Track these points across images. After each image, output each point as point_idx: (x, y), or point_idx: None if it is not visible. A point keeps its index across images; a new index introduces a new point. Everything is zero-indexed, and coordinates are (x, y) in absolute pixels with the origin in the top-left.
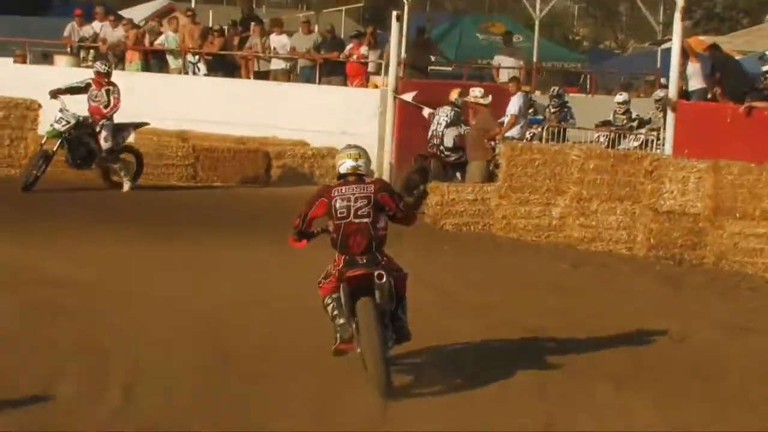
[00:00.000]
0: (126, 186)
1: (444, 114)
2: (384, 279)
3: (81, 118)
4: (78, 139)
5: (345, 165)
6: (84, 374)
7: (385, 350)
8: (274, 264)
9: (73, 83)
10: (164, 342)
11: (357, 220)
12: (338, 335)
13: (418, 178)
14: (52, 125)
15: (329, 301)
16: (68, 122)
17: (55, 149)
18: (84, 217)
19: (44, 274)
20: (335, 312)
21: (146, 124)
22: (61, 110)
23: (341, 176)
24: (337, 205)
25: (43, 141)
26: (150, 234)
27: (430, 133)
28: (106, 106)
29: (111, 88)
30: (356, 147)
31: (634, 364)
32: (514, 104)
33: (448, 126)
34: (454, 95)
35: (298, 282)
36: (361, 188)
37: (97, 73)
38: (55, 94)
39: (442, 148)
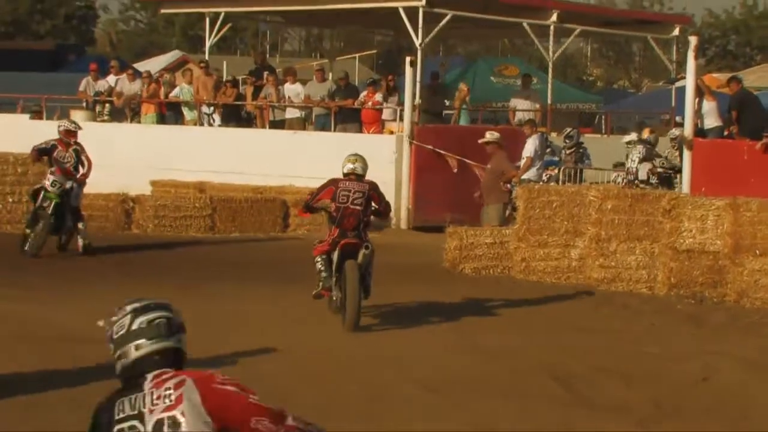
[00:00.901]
0: (82, 245)
1: (637, 151)
2: (369, 249)
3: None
4: (63, 204)
5: (347, 167)
6: None
7: (360, 299)
8: (294, 314)
9: (40, 144)
10: None
11: (352, 207)
12: (321, 284)
13: None
14: (47, 189)
15: (319, 259)
16: (61, 186)
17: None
18: (101, 272)
19: (64, 329)
20: (322, 267)
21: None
22: (52, 173)
23: (345, 174)
24: (340, 194)
25: (38, 205)
26: (168, 287)
27: (625, 170)
28: (75, 168)
29: (79, 148)
30: (356, 155)
31: (656, 403)
32: (530, 146)
33: (641, 161)
34: (646, 134)
35: (326, 334)
36: (359, 185)
37: (66, 131)
38: (36, 157)
39: (636, 182)
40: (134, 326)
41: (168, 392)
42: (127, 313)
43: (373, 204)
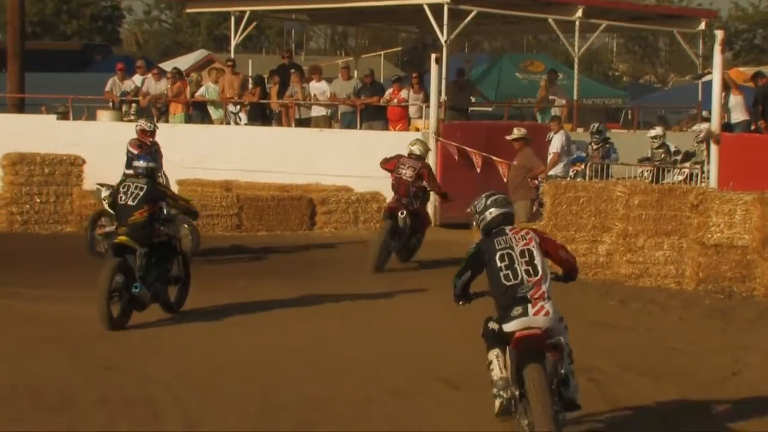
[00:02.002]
0: None
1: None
2: (404, 214)
3: None
4: None
5: (408, 148)
6: (137, 430)
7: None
8: (327, 314)
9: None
10: (215, 394)
11: (404, 178)
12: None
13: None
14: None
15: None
16: None
17: None
18: None
19: (92, 329)
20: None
21: None
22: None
23: (408, 154)
24: (399, 167)
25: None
26: (196, 285)
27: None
28: None
29: (156, 147)
30: (418, 139)
31: (684, 399)
32: (556, 143)
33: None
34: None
35: (351, 333)
36: (414, 162)
37: (142, 131)
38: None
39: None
40: (488, 201)
41: (524, 235)
42: (483, 197)
43: (423, 181)
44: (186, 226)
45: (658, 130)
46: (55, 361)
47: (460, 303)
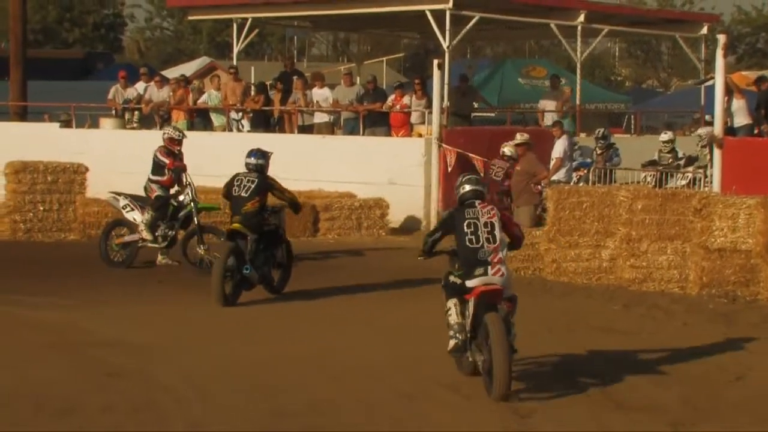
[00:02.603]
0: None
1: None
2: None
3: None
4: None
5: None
6: None
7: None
8: (333, 319)
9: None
10: (221, 399)
11: (494, 177)
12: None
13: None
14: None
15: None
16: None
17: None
18: (131, 279)
19: (96, 336)
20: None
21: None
22: (189, 184)
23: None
24: (489, 168)
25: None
26: (197, 293)
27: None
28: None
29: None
30: (509, 143)
31: (689, 403)
32: (559, 147)
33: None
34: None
35: (356, 338)
36: (502, 163)
37: (170, 139)
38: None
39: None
40: (464, 179)
41: (489, 210)
42: (461, 176)
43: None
44: (222, 239)
45: (669, 135)
46: (58, 367)
47: (423, 258)
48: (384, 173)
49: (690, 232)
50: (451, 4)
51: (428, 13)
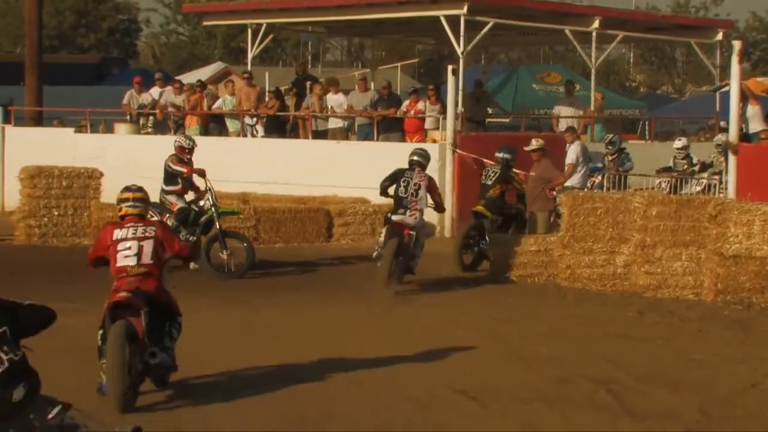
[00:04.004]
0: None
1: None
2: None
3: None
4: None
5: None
6: None
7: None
8: (345, 324)
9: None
10: (234, 403)
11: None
12: None
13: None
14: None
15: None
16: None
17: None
18: None
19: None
20: None
21: None
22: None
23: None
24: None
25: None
26: (210, 297)
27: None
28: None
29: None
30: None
31: (704, 411)
32: (572, 154)
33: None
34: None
35: (368, 342)
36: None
37: (180, 147)
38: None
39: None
40: (414, 150)
41: (422, 176)
42: (414, 148)
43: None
44: (244, 244)
45: (684, 141)
46: (70, 372)
47: (380, 194)
48: None
49: (705, 239)
50: (465, 10)
51: (443, 19)
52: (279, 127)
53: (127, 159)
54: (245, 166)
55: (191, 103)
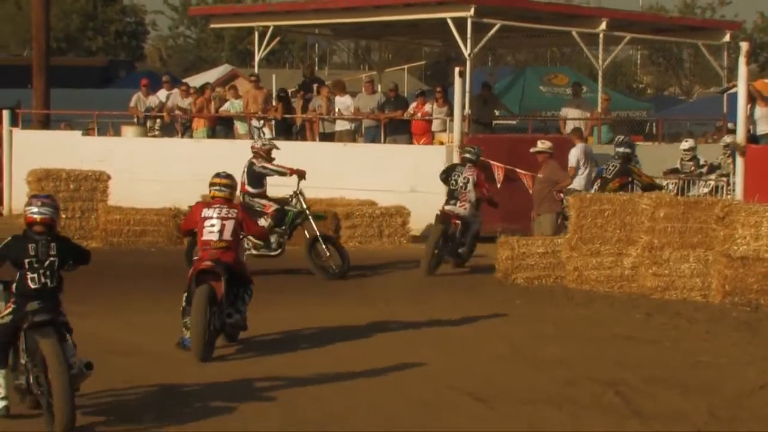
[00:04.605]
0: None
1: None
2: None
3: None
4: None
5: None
6: None
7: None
8: (349, 326)
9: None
10: (241, 408)
11: None
12: None
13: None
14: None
15: None
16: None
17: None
18: (148, 286)
19: (112, 343)
20: None
21: None
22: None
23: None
24: None
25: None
26: None
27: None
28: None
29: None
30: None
31: (712, 412)
32: (573, 157)
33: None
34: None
35: (373, 346)
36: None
37: (267, 151)
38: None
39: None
40: (467, 148)
41: (473, 171)
42: (465, 146)
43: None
44: (332, 246)
45: (691, 143)
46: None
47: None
48: (405, 181)
49: (712, 240)
50: (472, 12)
51: (449, 21)
52: (286, 129)
53: (134, 162)
54: None
55: (198, 105)
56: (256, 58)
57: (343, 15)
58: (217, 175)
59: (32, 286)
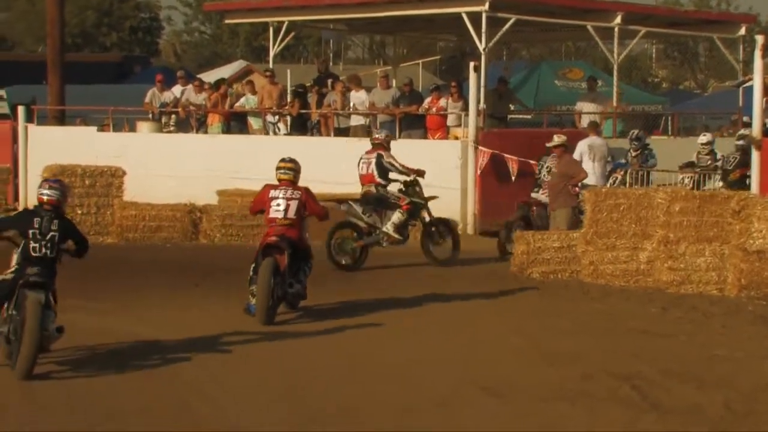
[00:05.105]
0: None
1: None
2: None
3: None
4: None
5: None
6: None
7: None
8: (364, 321)
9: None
10: (254, 403)
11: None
12: None
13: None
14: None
15: None
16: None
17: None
18: (167, 282)
19: (130, 339)
20: None
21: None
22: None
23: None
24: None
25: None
26: (234, 297)
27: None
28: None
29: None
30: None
31: (728, 407)
32: (577, 149)
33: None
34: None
35: (388, 340)
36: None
37: (388, 143)
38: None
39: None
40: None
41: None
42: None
43: None
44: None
45: (708, 137)
46: (94, 370)
47: None
48: None
49: (728, 234)
50: (487, 6)
51: (464, 16)
52: (301, 124)
53: (149, 157)
54: (268, 164)
55: (212, 101)
56: (271, 54)
57: (358, 10)
58: (283, 159)
59: (33, 254)
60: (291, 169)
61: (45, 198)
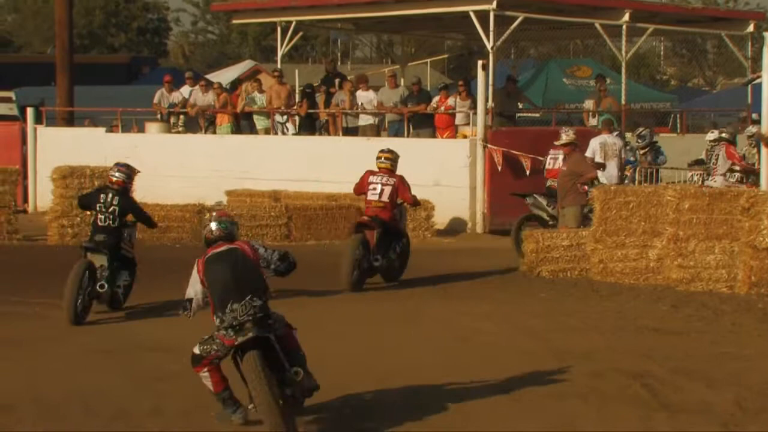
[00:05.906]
0: None
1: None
2: None
3: None
4: None
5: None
6: None
7: None
8: (379, 319)
9: None
10: None
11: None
12: None
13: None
14: None
15: None
16: None
17: None
18: (179, 283)
19: (146, 340)
20: None
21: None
22: None
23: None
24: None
25: None
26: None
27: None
28: None
29: None
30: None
31: (739, 404)
32: (590, 147)
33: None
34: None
35: (403, 338)
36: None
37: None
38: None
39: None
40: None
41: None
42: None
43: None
44: None
45: (716, 134)
46: (108, 372)
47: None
48: (429, 175)
49: (738, 231)
50: (494, 5)
51: (472, 14)
52: (310, 124)
53: (158, 158)
54: (277, 164)
55: (221, 101)
56: (279, 54)
57: (366, 9)
58: (382, 150)
59: (99, 224)
60: (388, 158)
61: (114, 179)
